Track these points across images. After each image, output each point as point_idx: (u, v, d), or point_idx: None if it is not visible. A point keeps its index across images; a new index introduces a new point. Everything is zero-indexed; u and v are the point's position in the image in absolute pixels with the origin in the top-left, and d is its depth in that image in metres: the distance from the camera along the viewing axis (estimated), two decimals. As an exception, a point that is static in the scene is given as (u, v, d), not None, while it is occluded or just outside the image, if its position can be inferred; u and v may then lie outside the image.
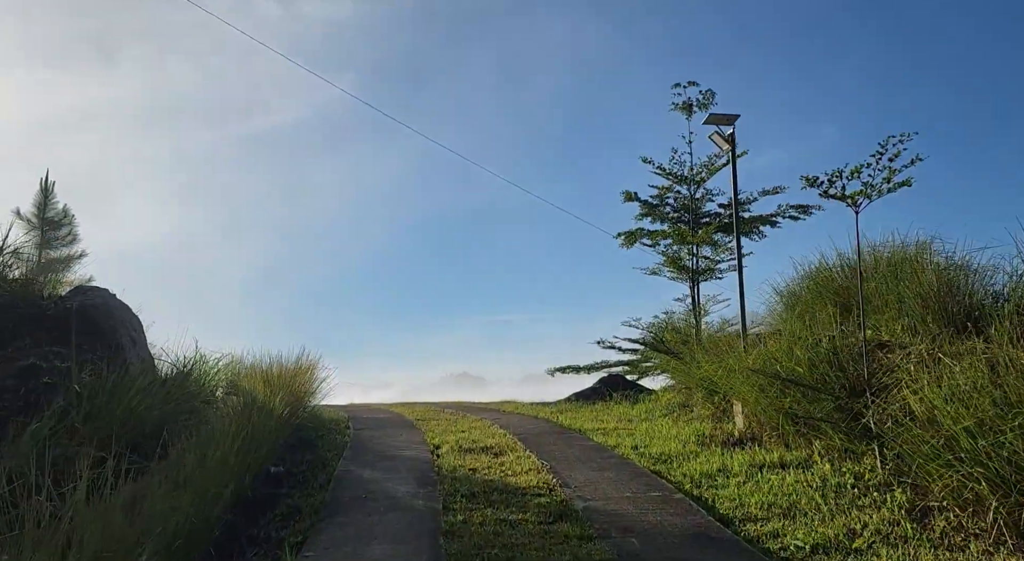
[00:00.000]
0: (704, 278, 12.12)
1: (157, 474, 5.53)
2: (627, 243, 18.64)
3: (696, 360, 10.36)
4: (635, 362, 16.16)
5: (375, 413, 14.08)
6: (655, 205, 17.39)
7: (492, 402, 18.61)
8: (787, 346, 7.64)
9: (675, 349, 11.53)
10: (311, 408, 11.86)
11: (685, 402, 12.37)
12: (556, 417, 12.08)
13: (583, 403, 15.00)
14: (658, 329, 12.17)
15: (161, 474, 5.40)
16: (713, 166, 12.10)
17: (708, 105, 18.34)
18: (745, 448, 8.04)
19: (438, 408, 15.32)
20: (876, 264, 9.72)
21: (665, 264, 12.35)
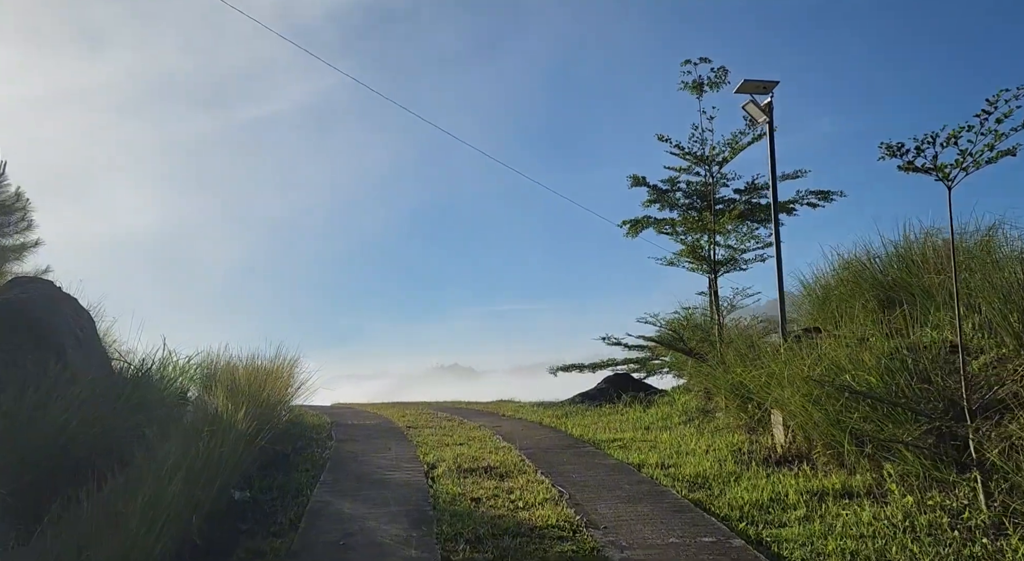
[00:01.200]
0: (726, 269, 10.90)
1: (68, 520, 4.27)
2: (632, 232, 17.40)
3: (724, 362, 9.15)
4: (644, 360, 14.97)
5: (362, 418, 12.82)
6: (665, 190, 16.16)
7: (488, 403, 17.39)
8: (849, 349, 6.43)
9: (697, 349, 10.33)
10: (290, 413, 10.58)
11: (705, 407, 11.19)
12: (563, 424, 10.86)
13: (589, 405, 13.80)
14: (678, 326, 10.96)
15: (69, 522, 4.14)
16: (737, 144, 10.86)
17: (720, 84, 17.04)
18: (793, 468, 6.85)
19: (431, 410, 14.07)
20: (933, 253, 8.53)
21: (683, 253, 11.10)
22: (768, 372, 7.60)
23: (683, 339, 10.37)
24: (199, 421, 6.66)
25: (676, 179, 15.78)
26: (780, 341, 8.65)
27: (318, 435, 10.17)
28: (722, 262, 10.86)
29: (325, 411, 14.47)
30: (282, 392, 10.47)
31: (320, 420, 12.17)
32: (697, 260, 11.03)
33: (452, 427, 10.74)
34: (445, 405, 16.08)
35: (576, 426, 10.51)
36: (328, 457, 8.14)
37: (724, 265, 10.85)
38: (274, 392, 9.85)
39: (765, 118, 8.25)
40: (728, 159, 11.00)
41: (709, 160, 11.16)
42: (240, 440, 6.54)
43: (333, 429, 10.69)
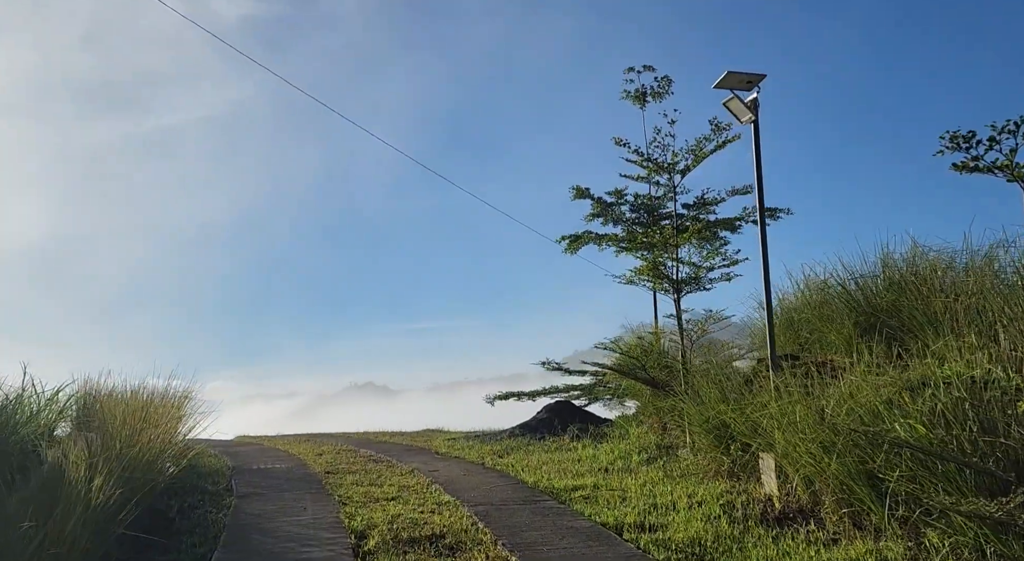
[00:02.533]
0: (689, 289, 9.87)
1: None
2: (571, 248, 16.28)
3: (698, 396, 8.01)
4: (590, 387, 13.78)
5: (270, 458, 10.98)
6: (610, 204, 15.17)
7: (416, 434, 15.77)
8: (887, 389, 5.36)
9: (659, 378, 9.18)
10: (180, 460, 8.71)
11: (662, 442, 10.06)
12: (510, 466, 9.45)
13: (531, 438, 12.46)
14: (639, 353, 9.79)
15: None
16: (701, 151, 9.89)
17: (664, 94, 16.36)
18: (798, 529, 5.72)
19: (352, 446, 12.36)
20: (932, 273, 7.72)
21: (643, 271, 9.98)
22: (765, 412, 6.47)
23: (644, 367, 9.23)
24: (43, 489, 4.86)
25: (623, 191, 14.83)
26: (768, 373, 7.60)
27: (215, 486, 8.36)
28: (686, 281, 9.81)
29: (227, 449, 12.50)
30: (170, 433, 8.60)
31: (219, 463, 10.29)
32: (657, 278, 9.93)
33: (380, 472, 9.13)
34: (367, 438, 14.36)
35: (525, 469, 9.12)
36: (224, 524, 6.41)
37: (687, 284, 9.81)
38: (160, 434, 7.99)
39: (750, 116, 7.24)
40: (690, 167, 10.03)
41: (670, 168, 10.13)
42: (95, 519, 4.81)
43: (234, 478, 8.88)
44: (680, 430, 10.16)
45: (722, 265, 9.76)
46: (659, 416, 11.00)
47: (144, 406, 9.34)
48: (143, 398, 10.93)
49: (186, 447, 8.67)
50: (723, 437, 7.57)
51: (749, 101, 7.26)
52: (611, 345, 10.38)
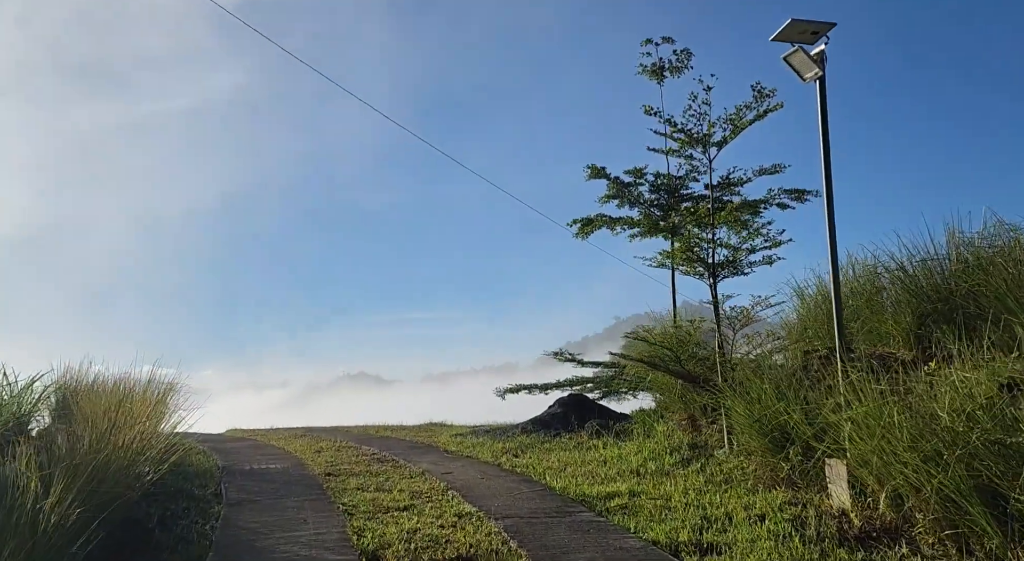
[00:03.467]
0: (726, 274, 8.95)
1: None
2: (583, 233, 15.42)
3: (747, 392, 7.12)
4: (607, 380, 12.90)
5: (264, 456, 10.05)
6: (627, 184, 14.24)
7: (419, 428, 14.88)
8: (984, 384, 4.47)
9: (696, 374, 8.29)
10: (162, 461, 7.77)
11: (695, 441, 9.20)
12: (530, 468, 8.56)
13: (544, 434, 11.57)
14: (677, 342, 8.87)
15: None
16: (740, 121, 8.93)
17: (683, 68, 15.43)
18: (886, 551, 4.85)
19: (353, 443, 11.45)
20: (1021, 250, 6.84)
21: (677, 253, 9.01)
22: (844, 413, 5.58)
23: (680, 360, 8.34)
24: None
25: (643, 170, 13.90)
26: (820, 367, 6.72)
27: (202, 490, 7.44)
28: (722, 265, 8.89)
29: (217, 445, 11.56)
30: (151, 430, 7.66)
31: (208, 463, 9.36)
32: (690, 262, 9.01)
33: (387, 474, 8.22)
34: (368, 433, 13.44)
35: (549, 471, 8.23)
36: (211, 540, 5.49)
37: (724, 268, 8.89)
38: (140, 433, 7.04)
39: (816, 71, 6.30)
40: (728, 139, 9.06)
41: (704, 140, 9.17)
42: (47, 546, 3.87)
43: (224, 480, 7.95)
44: (715, 428, 9.29)
45: (763, 247, 8.84)
46: (689, 412, 10.13)
47: (122, 401, 8.40)
48: (123, 390, 10.00)
49: (170, 446, 7.73)
50: (779, 439, 6.68)
51: (815, 54, 6.33)
52: (644, 334, 9.46)
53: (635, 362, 9.10)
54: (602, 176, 14.10)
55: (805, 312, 9.73)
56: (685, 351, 8.62)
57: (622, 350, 13.32)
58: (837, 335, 6.27)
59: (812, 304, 9.77)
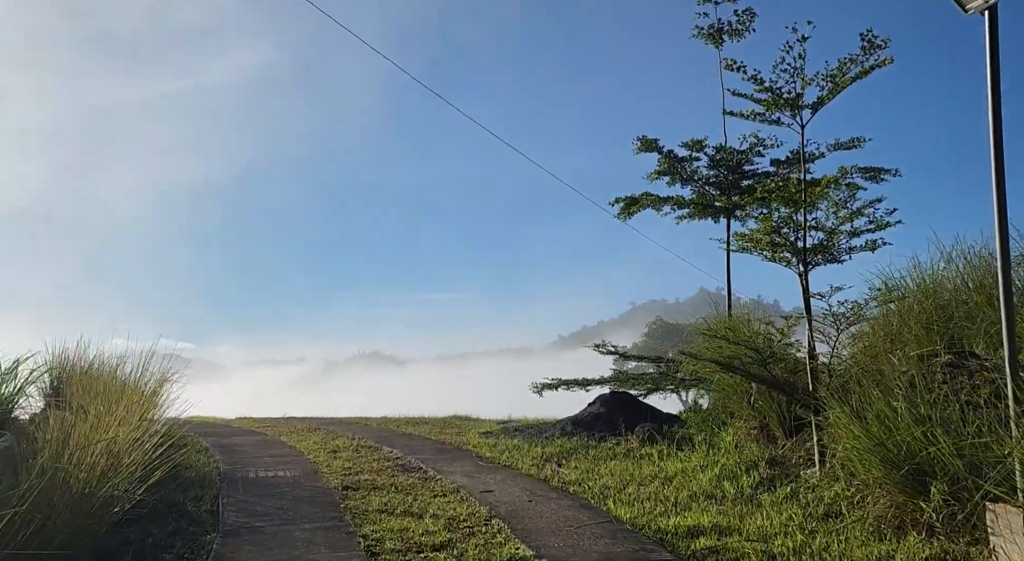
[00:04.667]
0: (819, 261, 7.54)
1: None
2: (625, 213, 14.03)
3: (865, 409, 5.73)
4: (655, 377, 11.57)
5: (272, 456, 8.81)
6: (681, 159, 12.79)
7: (445, 421, 13.65)
8: None
9: (786, 381, 6.91)
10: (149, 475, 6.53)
11: (773, 456, 7.84)
12: (585, 484, 7.25)
13: (586, 436, 10.27)
14: (765, 342, 7.47)
15: None
16: (842, 77, 7.43)
17: (744, 31, 13.90)
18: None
19: (373, 442, 10.22)
20: None
21: (759, 235, 7.57)
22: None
23: (766, 363, 6.96)
24: None
25: (702, 142, 12.44)
26: (1009, 385, 5.32)
27: (196, 505, 6.22)
28: (814, 250, 7.46)
29: (220, 440, 10.39)
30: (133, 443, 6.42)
31: (208, 465, 8.17)
32: (774, 246, 7.59)
33: (414, 489, 6.95)
34: (389, 429, 12.22)
35: (607, 492, 6.92)
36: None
37: (817, 254, 7.47)
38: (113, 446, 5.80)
39: (980, 2, 4.84)
40: (825, 100, 7.58)
41: (794, 102, 7.69)
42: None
43: (223, 493, 6.73)
44: (799, 442, 7.93)
45: (867, 229, 7.39)
46: (760, 420, 8.78)
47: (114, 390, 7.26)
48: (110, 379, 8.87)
49: (161, 454, 6.50)
50: (913, 471, 5.31)
51: (988, -20, 4.85)
52: (724, 331, 8.06)
53: (708, 363, 7.72)
54: (653, 149, 12.70)
55: (904, 309, 8.28)
56: (770, 353, 7.22)
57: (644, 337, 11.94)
58: (1006, 342, 4.86)
59: (912, 300, 8.32)
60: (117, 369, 10.13)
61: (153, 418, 7.69)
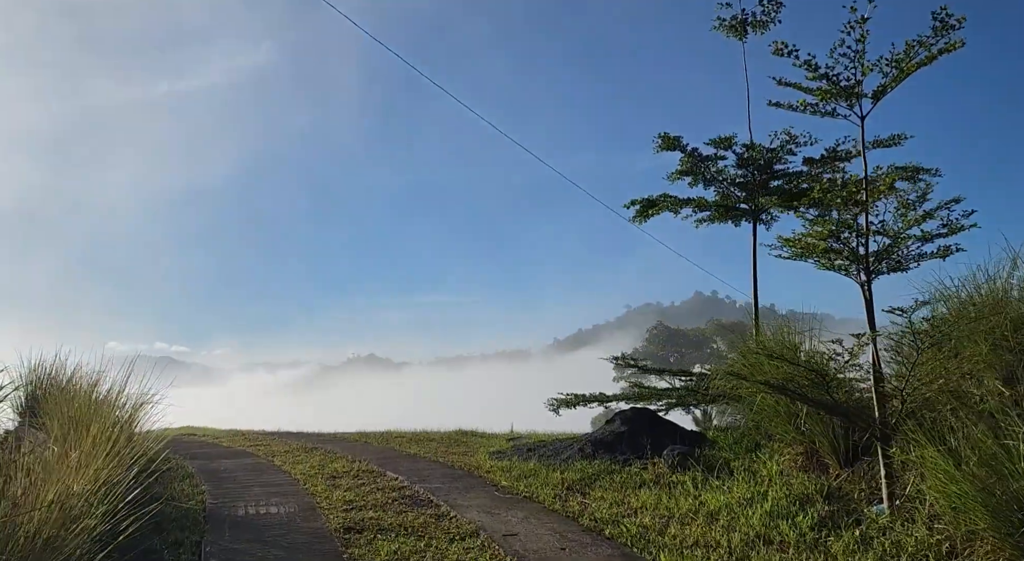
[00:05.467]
0: (885, 268, 6.67)
1: None
2: (641, 217, 13.17)
3: (963, 446, 4.87)
4: (680, 392, 10.70)
5: (264, 490, 7.89)
6: (705, 158, 11.93)
7: (451, 438, 12.78)
8: None
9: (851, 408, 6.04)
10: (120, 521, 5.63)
11: (831, 489, 6.98)
12: (621, 523, 6.35)
13: (611, 460, 9.40)
14: (827, 361, 6.54)
15: None
16: (909, 61, 6.55)
17: (769, 23, 13.06)
18: None
19: (375, 465, 9.33)
20: None
21: (814, 239, 6.67)
22: None
23: (830, 388, 6.08)
24: None
25: (731, 140, 11.59)
26: None
27: (174, 552, 5.33)
28: (879, 256, 6.60)
29: (207, 463, 9.49)
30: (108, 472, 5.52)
31: (193, 496, 7.26)
32: (827, 253, 6.71)
33: (428, 533, 6.06)
34: (392, 448, 11.32)
35: (645, 533, 6.04)
36: None
37: (882, 261, 6.60)
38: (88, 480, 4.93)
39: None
40: (888, 88, 6.73)
41: (851, 90, 6.82)
42: None
43: (207, 537, 5.82)
44: (859, 473, 7.07)
45: (939, 233, 6.54)
46: (807, 445, 7.92)
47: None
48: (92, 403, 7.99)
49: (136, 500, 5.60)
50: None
51: None
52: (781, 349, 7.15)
53: (758, 385, 6.84)
54: (676, 147, 11.84)
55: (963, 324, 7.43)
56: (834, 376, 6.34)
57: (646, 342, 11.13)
58: None
59: (973, 314, 7.47)
60: (93, 389, 9.26)
61: (131, 441, 6.81)
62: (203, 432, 15.78)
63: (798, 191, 11.26)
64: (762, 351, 6.78)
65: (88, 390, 9.58)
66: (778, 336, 8.70)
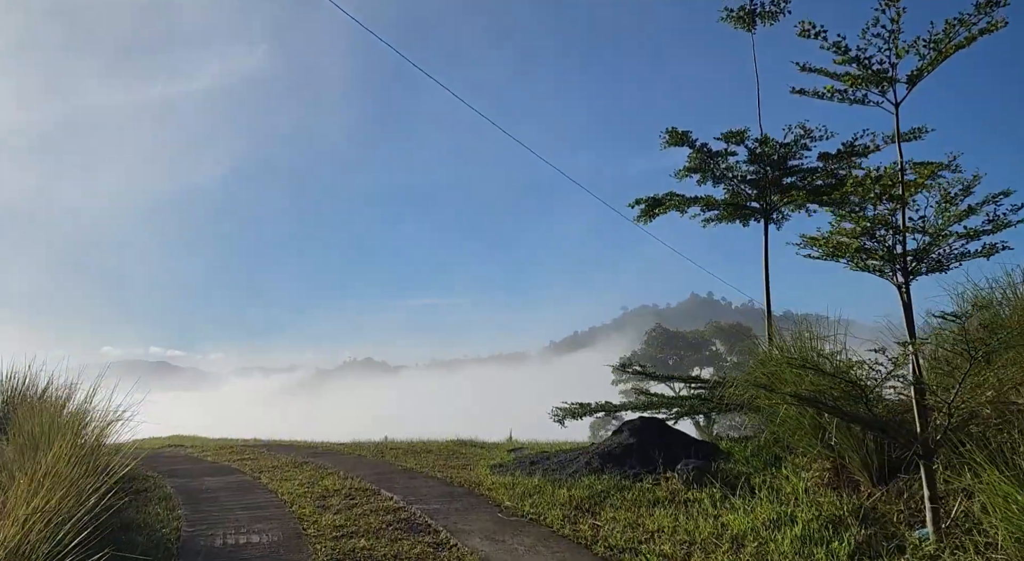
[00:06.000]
0: (924, 269, 6.10)
1: None
2: (646, 216, 12.61)
3: None
4: (691, 401, 10.12)
5: (247, 514, 7.25)
6: (715, 153, 11.37)
7: (450, 449, 12.17)
8: None
9: (889, 424, 5.47)
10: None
11: (863, 508, 6.40)
12: (642, 556, 5.77)
13: (619, 474, 8.81)
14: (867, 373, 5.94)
15: None
16: (947, 42, 5.98)
17: (779, 14, 12.53)
18: None
19: (368, 481, 8.72)
20: None
21: (848, 237, 6.09)
22: None
23: (868, 400, 5.49)
24: None
25: (743, 133, 11.02)
26: None
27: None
28: (918, 255, 6.03)
29: (187, 482, 8.86)
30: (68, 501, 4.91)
31: (167, 524, 6.63)
32: (859, 253, 6.14)
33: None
34: (387, 462, 10.70)
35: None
36: None
37: (922, 260, 6.04)
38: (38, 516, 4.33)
39: None
40: (924, 71, 6.16)
41: (882, 75, 6.25)
42: None
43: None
44: (893, 492, 6.49)
45: (985, 229, 5.97)
46: (834, 460, 7.34)
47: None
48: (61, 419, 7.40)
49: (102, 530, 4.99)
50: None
51: None
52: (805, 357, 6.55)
53: (787, 397, 6.25)
54: (684, 143, 11.27)
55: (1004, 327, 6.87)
56: (874, 389, 5.75)
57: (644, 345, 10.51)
58: None
59: (1012, 318, 6.92)
60: (66, 402, 8.65)
61: (97, 460, 6.22)
62: (191, 442, 15.16)
63: (825, 186, 10.66)
64: (787, 360, 6.19)
65: (60, 403, 8.98)
66: (797, 342, 8.13)
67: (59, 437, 6.37)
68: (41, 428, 6.75)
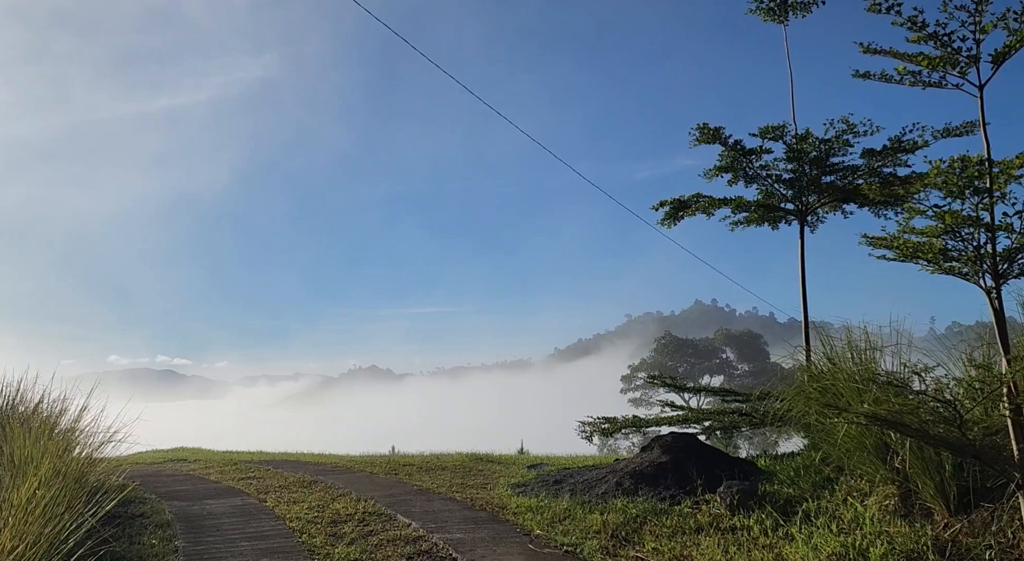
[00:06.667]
0: (1013, 272, 5.41)
1: None
2: (670, 219, 11.96)
3: None
4: (730, 417, 9.40)
5: (250, 545, 6.56)
6: (749, 151, 10.70)
7: (467, 464, 11.47)
8: None
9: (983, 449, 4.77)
10: None
11: (943, 541, 5.69)
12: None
13: (654, 496, 8.12)
14: (966, 390, 5.21)
15: None
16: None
17: (811, 6, 11.91)
18: None
19: (385, 506, 8.04)
20: None
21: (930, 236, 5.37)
22: None
23: (962, 422, 4.77)
24: None
25: (782, 128, 10.35)
26: None
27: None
28: (1010, 256, 5.34)
29: (188, 509, 8.19)
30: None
31: (163, 559, 5.96)
32: (938, 255, 5.44)
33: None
34: (400, 481, 10.00)
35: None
36: None
37: (1014, 263, 5.35)
38: None
39: None
40: (1011, 50, 5.50)
41: (969, 54, 5.57)
42: None
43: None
44: (977, 523, 5.76)
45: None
46: (901, 486, 6.61)
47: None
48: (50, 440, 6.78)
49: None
50: None
51: None
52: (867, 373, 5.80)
53: (863, 418, 5.54)
54: (716, 140, 10.61)
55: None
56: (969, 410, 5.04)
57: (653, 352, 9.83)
58: None
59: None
60: (57, 418, 8.02)
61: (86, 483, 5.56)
62: (194, 455, 14.51)
63: (904, 177, 9.89)
64: (850, 377, 5.49)
65: (51, 421, 8.33)
66: (851, 353, 7.41)
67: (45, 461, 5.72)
68: (24, 451, 6.10)
